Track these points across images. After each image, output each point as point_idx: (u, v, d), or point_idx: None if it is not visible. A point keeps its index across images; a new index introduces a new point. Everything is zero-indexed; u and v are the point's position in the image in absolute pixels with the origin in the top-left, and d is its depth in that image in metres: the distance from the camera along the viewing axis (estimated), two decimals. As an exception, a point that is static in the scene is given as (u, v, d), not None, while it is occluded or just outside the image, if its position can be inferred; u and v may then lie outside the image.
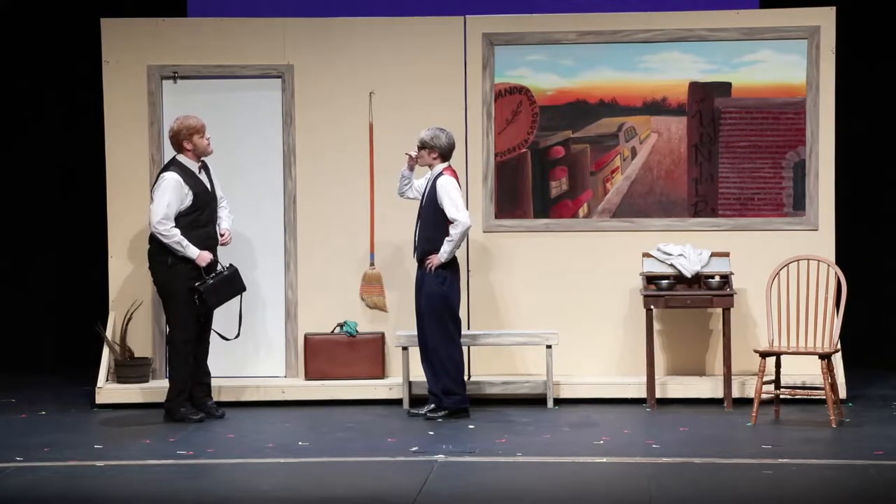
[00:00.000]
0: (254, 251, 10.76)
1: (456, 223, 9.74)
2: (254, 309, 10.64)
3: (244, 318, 10.17)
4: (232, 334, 10.13)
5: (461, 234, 9.80)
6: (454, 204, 9.77)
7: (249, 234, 10.71)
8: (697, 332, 10.69)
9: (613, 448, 8.91)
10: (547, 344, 10.36)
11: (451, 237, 9.76)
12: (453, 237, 9.76)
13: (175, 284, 9.84)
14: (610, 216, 10.75)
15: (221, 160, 10.33)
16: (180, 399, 9.92)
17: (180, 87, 10.85)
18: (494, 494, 7.84)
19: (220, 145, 10.30)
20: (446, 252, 9.79)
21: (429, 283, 9.86)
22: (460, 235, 9.80)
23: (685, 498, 7.70)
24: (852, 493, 7.88)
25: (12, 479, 8.19)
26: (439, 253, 9.79)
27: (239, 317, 10.12)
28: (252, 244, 10.74)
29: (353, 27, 10.81)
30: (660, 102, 10.70)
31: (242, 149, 10.69)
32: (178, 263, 9.81)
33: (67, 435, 9.51)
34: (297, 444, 9.11)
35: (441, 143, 9.88)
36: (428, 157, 9.92)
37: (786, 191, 10.65)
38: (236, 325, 10.12)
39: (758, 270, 10.37)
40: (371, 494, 7.77)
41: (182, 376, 9.91)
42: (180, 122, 9.91)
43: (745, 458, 8.58)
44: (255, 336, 10.73)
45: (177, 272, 9.83)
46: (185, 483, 8.14)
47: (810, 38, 10.56)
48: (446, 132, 9.94)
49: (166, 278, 9.86)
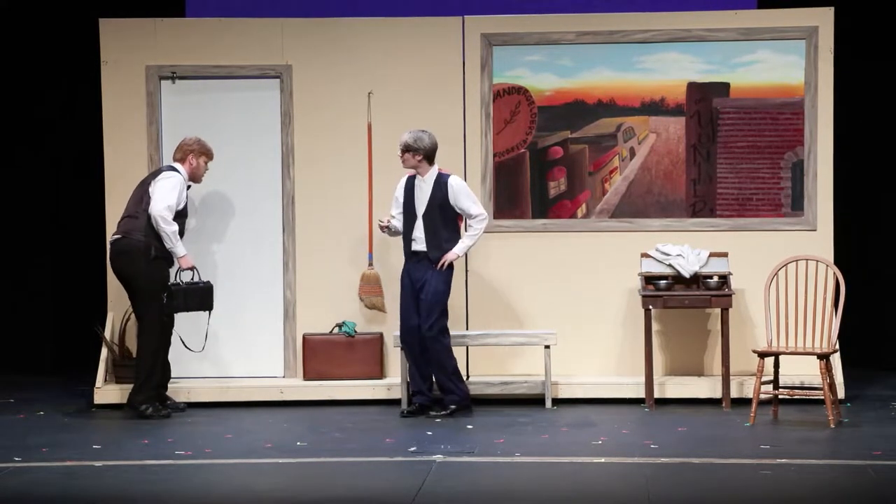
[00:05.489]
0: (252, 251, 10.77)
1: (481, 217, 10.00)
2: (252, 309, 10.71)
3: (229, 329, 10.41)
4: (197, 347, 10.27)
5: (483, 229, 10.00)
6: (474, 201, 10.02)
7: (248, 234, 10.75)
8: (696, 333, 10.71)
9: (611, 448, 8.91)
10: (545, 344, 10.39)
11: (474, 232, 10.01)
12: (478, 231, 10.00)
13: (155, 276, 9.97)
14: (608, 216, 10.78)
15: (219, 161, 10.39)
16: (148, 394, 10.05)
17: (179, 87, 10.87)
18: (493, 494, 7.83)
19: (218, 146, 10.38)
20: (467, 246, 10.02)
21: (436, 279, 9.96)
22: (483, 230, 10.01)
23: (683, 498, 7.69)
24: (850, 493, 7.86)
25: (11, 479, 8.19)
26: (457, 248, 9.95)
27: (206, 333, 10.26)
28: (250, 244, 10.76)
29: (352, 27, 10.84)
30: (658, 103, 10.73)
31: (240, 149, 10.72)
32: (159, 259, 9.96)
33: (65, 435, 9.52)
34: (295, 445, 9.13)
35: (424, 144, 9.94)
36: (412, 159, 9.98)
37: (784, 191, 10.68)
38: (202, 339, 10.26)
39: (756, 271, 10.40)
40: (369, 494, 7.77)
41: (152, 371, 10.03)
42: (197, 140, 10.20)
43: (743, 458, 8.56)
44: (254, 336, 10.77)
45: (156, 267, 9.97)
46: (184, 483, 8.13)
47: (808, 38, 10.59)
48: (428, 133, 9.99)
49: (146, 271, 9.95)
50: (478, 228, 9.96)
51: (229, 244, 10.54)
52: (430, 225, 9.95)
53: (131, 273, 10.02)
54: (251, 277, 10.73)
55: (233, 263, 10.57)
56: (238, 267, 10.54)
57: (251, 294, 10.69)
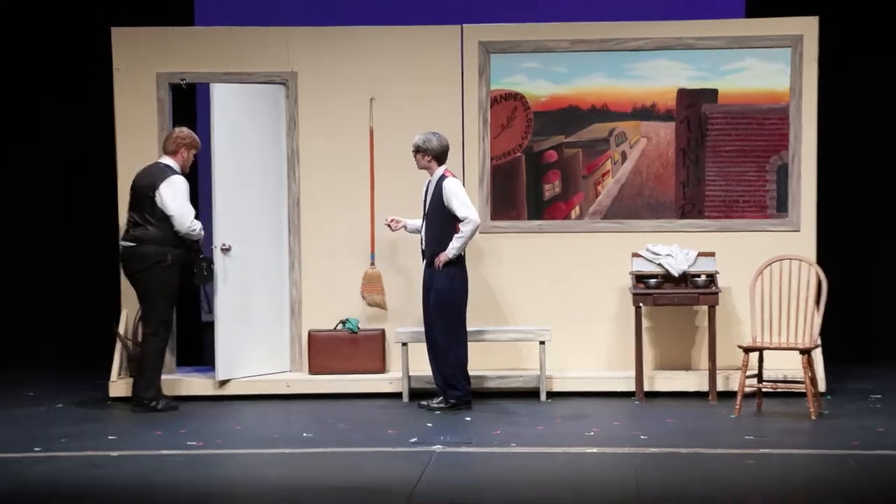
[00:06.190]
0: (259, 251, 10.71)
1: (467, 220, 9.81)
2: (260, 307, 10.67)
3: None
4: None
5: (472, 231, 9.85)
6: (463, 203, 9.85)
7: (255, 235, 10.69)
8: (684, 329, 10.74)
9: (603, 439, 8.92)
10: (540, 340, 10.39)
11: (461, 234, 9.81)
12: (464, 233, 9.82)
13: (170, 280, 10.06)
14: (601, 218, 10.78)
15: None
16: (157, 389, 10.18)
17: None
18: (489, 483, 7.83)
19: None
20: (455, 248, 9.83)
21: (438, 280, 9.89)
22: (471, 232, 9.85)
23: (671, 486, 7.71)
24: (831, 481, 7.87)
25: (31, 468, 8.24)
26: (447, 249, 9.81)
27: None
28: (258, 245, 10.69)
29: (355, 35, 10.80)
30: (649, 108, 10.72)
31: (248, 153, 10.64)
32: (174, 265, 10.05)
33: (83, 426, 9.56)
34: (301, 436, 9.15)
35: (433, 146, 9.92)
36: (423, 160, 9.96)
37: (769, 193, 10.68)
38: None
39: (742, 270, 10.40)
40: (372, 483, 7.78)
41: (160, 368, 10.18)
42: (189, 132, 10.20)
43: (728, 448, 8.59)
44: (261, 333, 10.72)
45: (173, 270, 10.06)
46: (195, 472, 8.15)
47: (794, 46, 10.58)
48: (438, 135, 9.97)
49: (163, 277, 10.02)
50: (464, 231, 9.80)
51: (238, 245, 10.49)
52: (431, 225, 9.93)
53: (146, 278, 10.05)
54: (259, 277, 10.68)
55: (241, 263, 10.53)
56: (246, 267, 10.51)
57: (259, 293, 10.66)
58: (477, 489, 7.74)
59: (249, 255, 10.65)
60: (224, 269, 10.48)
